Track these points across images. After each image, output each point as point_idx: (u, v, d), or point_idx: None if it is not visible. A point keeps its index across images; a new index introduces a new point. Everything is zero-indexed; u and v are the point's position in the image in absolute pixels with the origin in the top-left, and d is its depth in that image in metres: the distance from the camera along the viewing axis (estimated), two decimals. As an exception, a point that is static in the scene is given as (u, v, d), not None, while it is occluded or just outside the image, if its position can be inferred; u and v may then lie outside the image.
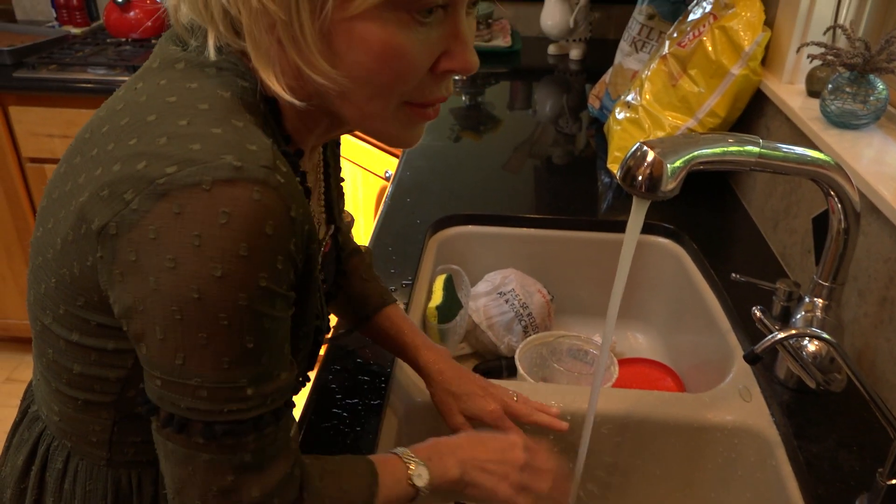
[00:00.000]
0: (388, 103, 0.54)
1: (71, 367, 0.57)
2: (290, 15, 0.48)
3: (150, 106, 0.51)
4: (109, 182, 0.48)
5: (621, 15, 2.32)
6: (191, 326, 0.47)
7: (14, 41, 2.12)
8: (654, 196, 0.66)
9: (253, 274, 0.47)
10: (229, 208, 0.46)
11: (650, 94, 1.30)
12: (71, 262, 0.52)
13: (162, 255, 0.46)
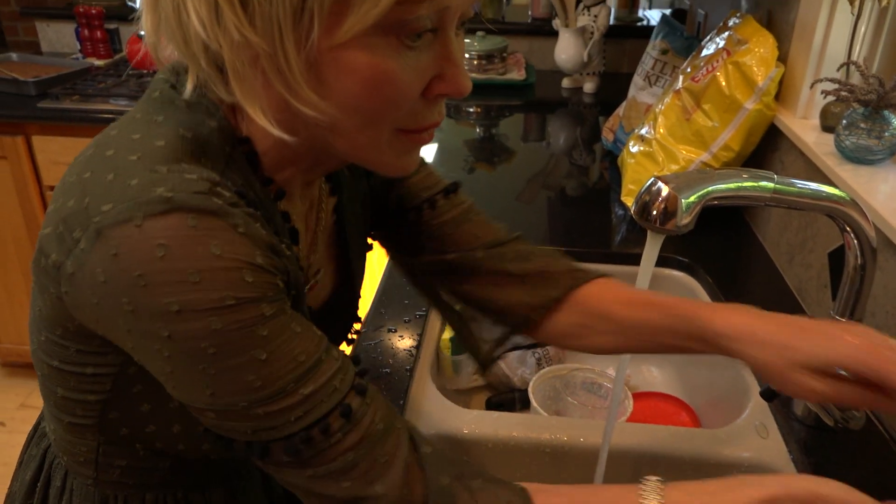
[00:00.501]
0: (381, 132, 0.51)
1: (55, 390, 0.56)
2: (275, 46, 0.45)
3: (114, 139, 0.50)
4: (63, 217, 0.47)
5: (634, 49, 2.35)
6: (184, 362, 0.46)
7: (39, 73, 2.17)
8: (668, 231, 0.66)
9: (214, 296, 0.44)
10: (164, 240, 0.43)
11: (664, 127, 1.31)
12: (42, 294, 0.51)
13: (117, 299, 0.45)
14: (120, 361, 0.52)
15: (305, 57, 0.46)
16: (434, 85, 0.51)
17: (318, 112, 0.48)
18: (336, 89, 0.48)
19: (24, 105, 2.00)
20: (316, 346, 0.50)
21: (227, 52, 0.46)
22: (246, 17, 0.44)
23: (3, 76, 2.09)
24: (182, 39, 0.48)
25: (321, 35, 0.45)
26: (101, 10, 2.34)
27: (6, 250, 2.20)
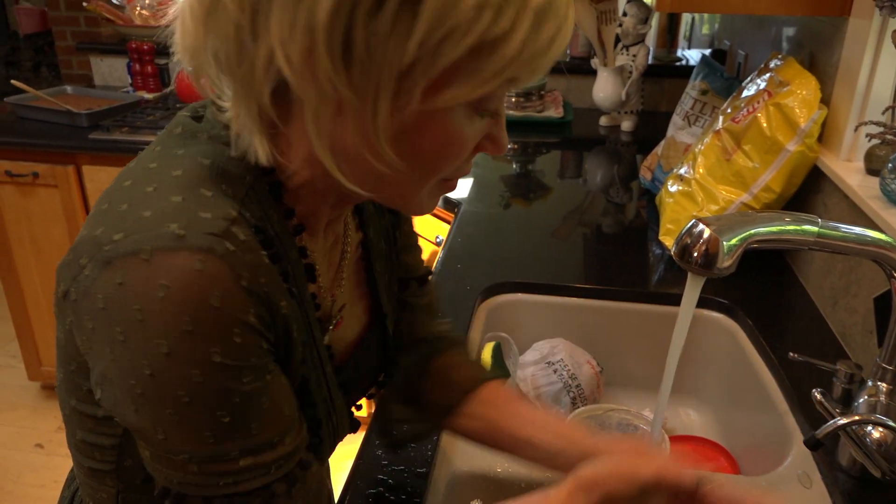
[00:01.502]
0: (430, 182, 0.53)
1: (75, 432, 0.56)
2: (366, 103, 0.45)
3: (132, 171, 0.51)
4: (75, 246, 0.48)
5: (673, 88, 2.35)
6: (155, 402, 0.46)
7: (92, 105, 2.25)
8: (709, 273, 0.65)
9: (202, 349, 0.45)
10: (167, 280, 0.43)
11: (703, 167, 1.30)
12: (59, 327, 0.52)
13: (112, 327, 0.45)
14: None
15: (395, 119, 0.47)
16: (482, 143, 0.53)
17: (385, 165, 0.49)
18: (411, 147, 0.49)
19: (77, 136, 2.08)
20: (275, 426, 0.50)
21: (310, 99, 0.46)
22: (345, 70, 0.44)
23: (58, 108, 2.18)
24: (244, 71, 0.47)
25: (420, 100, 0.46)
26: (153, 46, 2.43)
27: (52, 277, 2.25)
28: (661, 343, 1.21)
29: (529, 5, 0.44)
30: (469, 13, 0.42)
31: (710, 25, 2.56)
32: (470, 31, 0.43)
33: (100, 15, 2.56)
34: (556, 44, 0.47)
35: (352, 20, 0.42)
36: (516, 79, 0.47)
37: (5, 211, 2.18)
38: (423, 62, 0.44)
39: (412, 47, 0.43)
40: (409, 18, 0.42)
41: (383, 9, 0.42)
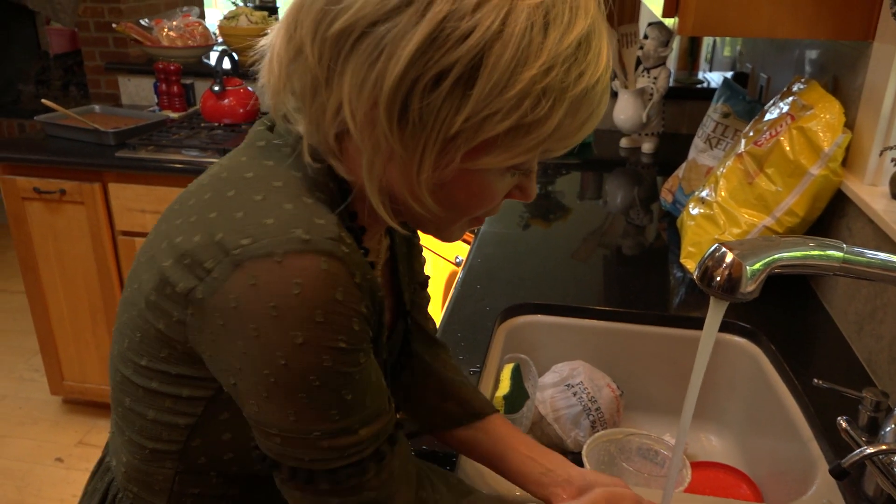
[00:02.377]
0: (462, 221, 0.61)
1: (146, 412, 0.61)
2: (413, 158, 0.52)
3: (230, 181, 0.56)
4: (191, 251, 0.53)
5: (694, 110, 2.35)
6: (287, 388, 0.51)
7: (119, 123, 2.30)
8: (732, 298, 0.65)
9: (332, 338, 0.51)
10: (301, 279, 0.49)
11: (725, 190, 1.30)
12: (157, 319, 0.56)
13: (245, 324, 0.50)
14: (215, 387, 0.58)
15: (436, 174, 0.54)
16: (512, 192, 0.61)
17: (423, 209, 0.56)
18: (447, 197, 0.56)
19: (103, 154, 2.12)
20: (381, 396, 0.58)
21: (366, 148, 0.53)
22: (399, 130, 0.51)
23: (86, 126, 2.22)
24: (317, 114, 0.54)
25: (461, 159, 0.52)
26: (179, 67, 2.48)
27: (77, 292, 2.29)
28: (682, 367, 1.20)
29: (566, 95, 0.51)
30: (511, 101, 0.49)
31: (731, 48, 2.56)
32: (509, 115, 0.50)
33: (128, 36, 2.61)
34: (588, 125, 0.54)
35: (412, 91, 0.49)
36: (548, 151, 0.54)
37: (33, 227, 2.22)
38: (466, 133, 0.51)
39: (459, 120, 0.50)
40: (460, 97, 0.49)
41: (440, 86, 0.49)
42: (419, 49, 0.48)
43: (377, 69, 0.49)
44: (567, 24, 0.50)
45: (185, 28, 2.64)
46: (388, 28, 0.48)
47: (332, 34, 0.50)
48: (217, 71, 2.29)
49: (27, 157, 2.14)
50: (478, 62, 0.48)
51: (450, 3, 0.48)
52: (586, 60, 0.51)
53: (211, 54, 2.76)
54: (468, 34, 0.48)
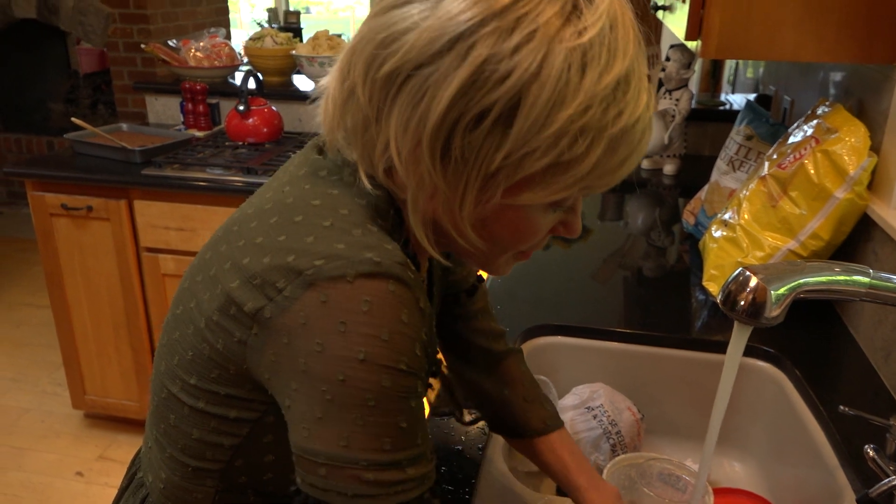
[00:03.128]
0: (507, 255, 0.63)
1: (190, 431, 0.62)
2: (455, 194, 0.54)
3: (297, 207, 0.58)
4: (261, 272, 0.54)
5: (717, 132, 2.34)
6: (343, 407, 0.52)
7: (145, 142, 2.33)
8: (756, 322, 0.64)
9: (394, 357, 0.52)
10: (370, 297, 0.51)
11: (749, 213, 1.29)
12: (215, 338, 0.57)
13: (311, 339, 0.51)
14: (263, 410, 0.59)
15: (478, 209, 0.56)
16: (556, 227, 0.62)
17: (467, 243, 0.58)
18: (490, 232, 0.58)
19: (130, 171, 2.15)
20: (428, 440, 0.57)
21: (411, 183, 0.56)
22: (441, 167, 0.53)
23: (113, 144, 2.26)
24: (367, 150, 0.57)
25: (502, 195, 0.54)
26: (205, 87, 2.52)
27: (100, 307, 2.32)
28: (704, 391, 1.18)
29: (604, 134, 0.52)
30: (549, 139, 0.51)
31: (754, 70, 2.55)
32: (547, 153, 0.51)
33: (156, 56, 2.66)
34: (627, 164, 0.56)
35: (454, 129, 0.52)
36: (589, 188, 0.56)
37: (59, 243, 2.26)
38: (505, 170, 0.53)
39: (498, 158, 0.52)
40: (500, 136, 0.51)
41: (480, 125, 0.51)
42: (460, 90, 0.50)
43: (421, 109, 0.52)
44: (605, 65, 0.51)
45: (212, 49, 2.69)
46: (431, 71, 0.51)
47: (381, 76, 0.53)
48: (242, 91, 2.33)
49: (56, 174, 2.18)
50: (516, 102, 0.50)
51: (489, 48, 0.50)
52: (625, 100, 0.52)
53: (236, 74, 2.80)
54: (507, 76, 0.50)
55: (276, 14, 5.57)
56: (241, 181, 2.08)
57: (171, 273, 2.20)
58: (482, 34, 0.50)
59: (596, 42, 0.51)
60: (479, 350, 0.89)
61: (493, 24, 0.50)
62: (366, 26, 0.55)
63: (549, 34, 0.50)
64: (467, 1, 0.50)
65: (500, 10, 0.50)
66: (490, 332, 0.90)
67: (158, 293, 2.25)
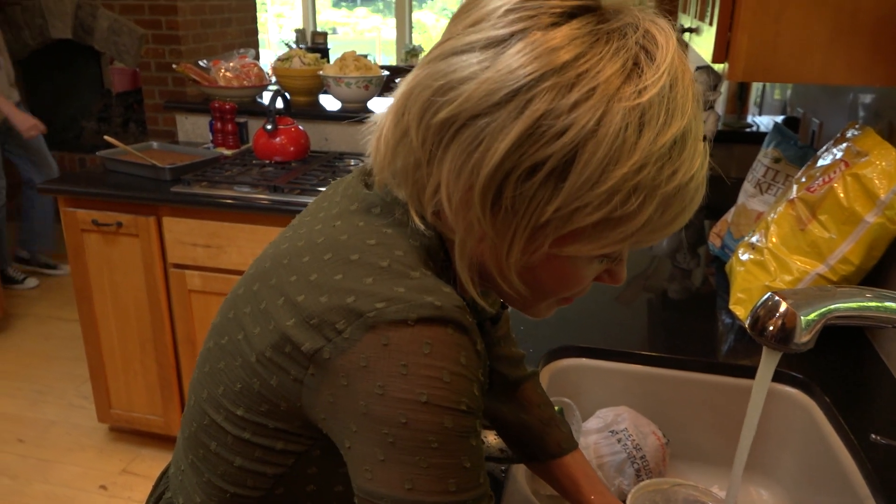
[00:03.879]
0: (548, 301, 0.63)
1: (233, 459, 0.61)
2: (503, 242, 0.55)
3: (352, 245, 0.58)
4: (318, 312, 0.54)
5: (743, 154, 2.32)
6: (405, 450, 0.52)
7: (175, 160, 2.38)
8: (786, 348, 0.64)
9: (455, 399, 0.52)
10: (431, 340, 0.52)
11: (777, 237, 1.27)
12: (268, 375, 0.57)
13: (372, 382, 0.51)
14: (310, 443, 0.59)
15: (525, 257, 0.56)
16: (601, 276, 0.62)
17: (511, 289, 0.58)
18: (534, 280, 0.59)
19: (159, 189, 2.19)
20: (486, 476, 0.57)
21: (460, 228, 0.56)
22: (491, 215, 0.54)
23: (144, 162, 2.31)
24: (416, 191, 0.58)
25: (550, 245, 0.55)
26: (234, 106, 2.56)
27: (127, 322, 2.35)
28: (731, 416, 1.17)
29: (658, 192, 0.52)
30: (601, 196, 0.51)
31: (781, 91, 2.53)
32: (599, 209, 0.52)
33: (187, 76, 2.72)
34: (679, 221, 0.56)
35: (506, 180, 0.52)
36: (639, 242, 0.56)
37: (89, 258, 2.30)
38: (555, 223, 0.53)
39: (549, 210, 0.52)
40: (552, 189, 0.51)
41: (533, 178, 0.51)
42: (515, 143, 0.50)
43: (475, 158, 0.52)
44: (662, 125, 0.51)
45: (242, 69, 2.74)
46: (487, 122, 0.51)
47: (435, 122, 0.53)
48: (270, 110, 2.36)
49: (87, 190, 2.23)
50: (571, 158, 0.50)
51: (547, 103, 0.50)
52: (680, 159, 0.53)
53: (264, 94, 2.85)
54: (563, 132, 0.50)
55: (304, 35, 5.66)
56: (267, 199, 2.10)
57: (198, 289, 2.23)
58: (540, 89, 0.50)
59: (655, 101, 0.51)
60: (499, 376, 0.89)
61: (552, 80, 0.50)
62: (424, 70, 0.55)
63: (609, 93, 0.50)
64: (528, 55, 0.50)
65: (559, 66, 0.50)
66: (511, 358, 0.90)
67: (185, 309, 2.27)
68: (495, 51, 0.51)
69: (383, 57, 7.99)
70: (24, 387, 2.65)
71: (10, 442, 2.57)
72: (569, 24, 0.51)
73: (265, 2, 9.23)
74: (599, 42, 0.51)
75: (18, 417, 2.70)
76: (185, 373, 2.38)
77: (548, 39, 0.50)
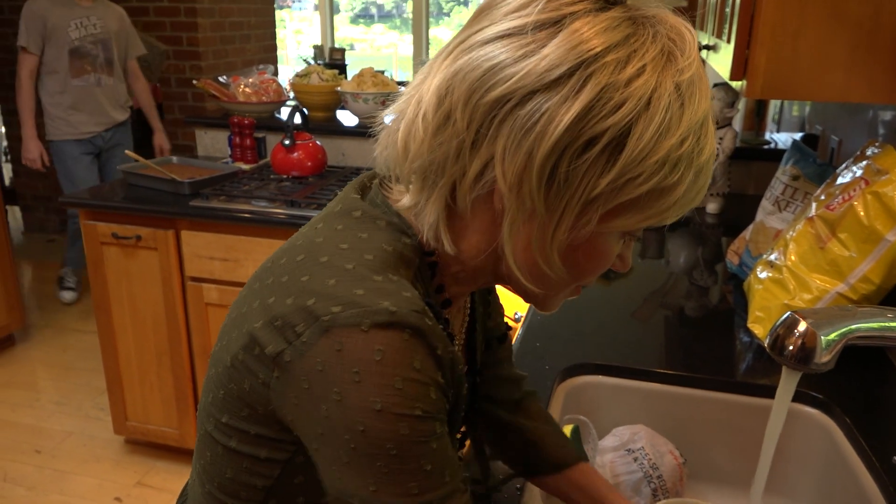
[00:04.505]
0: (567, 290, 0.64)
1: (224, 471, 0.62)
2: (553, 218, 0.56)
3: (324, 248, 0.59)
4: (283, 314, 0.55)
5: (762, 171, 2.31)
6: (366, 455, 0.53)
7: (194, 174, 2.40)
8: (806, 368, 0.63)
9: (409, 405, 0.53)
10: (382, 346, 0.52)
11: (796, 255, 1.26)
12: (241, 378, 0.58)
13: (329, 388, 0.52)
14: (292, 450, 0.60)
15: (570, 234, 0.57)
16: (613, 262, 0.63)
17: (550, 269, 0.59)
18: (573, 259, 0.60)
19: (178, 202, 2.21)
20: (458, 473, 0.57)
21: (511, 207, 0.56)
22: (545, 190, 0.55)
23: (164, 176, 2.33)
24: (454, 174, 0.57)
25: (597, 222, 0.56)
26: (253, 121, 2.59)
27: (145, 335, 2.37)
28: (749, 436, 1.15)
29: (694, 163, 0.56)
30: (653, 166, 0.54)
31: (800, 108, 2.52)
32: (650, 179, 0.54)
33: (207, 91, 2.75)
34: (701, 193, 0.59)
35: (563, 154, 0.53)
36: (666, 218, 0.58)
37: (108, 270, 2.32)
38: (606, 196, 0.55)
39: (602, 183, 0.54)
40: (606, 162, 0.53)
41: (589, 151, 0.53)
42: (577, 117, 0.52)
43: (534, 134, 0.53)
44: (698, 101, 0.56)
45: (260, 85, 2.77)
46: (548, 97, 0.53)
47: (486, 102, 0.54)
48: (288, 126, 2.39)
49: (108, 203, 2.26)
50: (627, 130, 0.53)
51: (607, 76, 0.53)
52: (707, 135, 0.57)
53: (283, 109, 2.87)
54: (621, 105, 0.53)
55: (322, 51, 5.71)
56: (284, 213, 2.12)
57: (214, 302, 2.24)
58: (600, 65, 0.53)
59: (694, 80, 0.55)
60: (501, 393, 0.90)
61: (611, 56, 0.53)
62: (457, 62, 0.56)
63: (657, 69, 0.54)
64: (590, 31, 0.53)
65: (615, 44, 0.53)
66: (512, 379, 0.92)
67: (201, 322, 2.29)
68: (548, 31, 0.54)
69: (400, 73, 8.04)
70: (42, 397, 2.67)
71: (28, 452, 2.59)
72: (610, 11, 0.55)
73: (284, 18, 9.34)
74: (640, 27, 0.55)
75: (36, 428, 2.72)
76: (200, 386, 2.39)
77: (603, 19, 0.54)
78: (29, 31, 3.05)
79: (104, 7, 3.23)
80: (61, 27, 3.09)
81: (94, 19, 3.16)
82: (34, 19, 3.04)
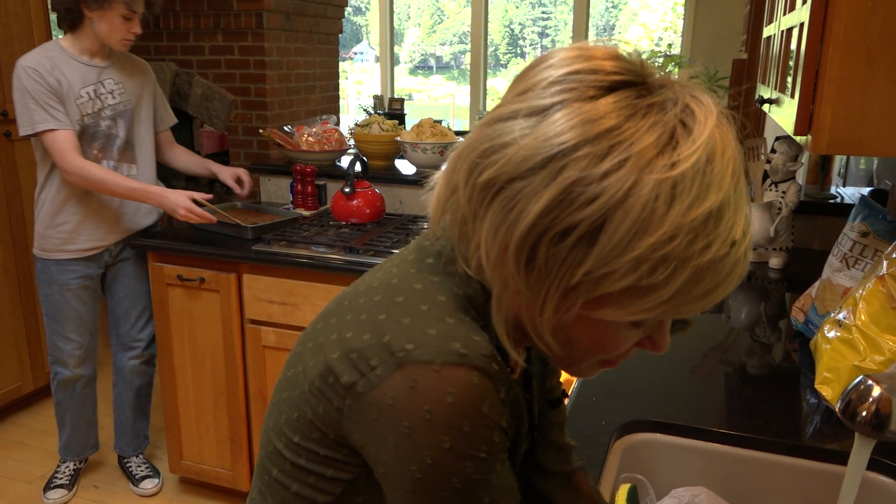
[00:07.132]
0: (589, 361, 0.64)
1: (290, 485, 0.66)
2: (537, 300, 0.57)
3: (400, 288, 0.63)
4: (359, 348, 0.59)
5: (827, 226, 2.25)
6: (431, 486, 0.57)
7: (257, 220, 2.48)
8: (881, 436, 0.60)
9: (475, 447, 0.56)
10: (454, 389, 0.55)
11: (866, 314, 1.22)
12: (316, 403, 0.62)
13: (399, 420, 0.56)
14: (357, 472, 0.64)
15: (557, 316, 0.57)
16: (642, 341, 0.63)
17: (545, 347, 0.60)
18: (568, 339, 0.60)
19: (242, 247, 2.28)
20: (515, 497, 0.61)
21: (496, 284, 0.59)
22: (525, 273, 0.56)
23: (228, 221, 2.41)
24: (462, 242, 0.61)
25: (581, 306, 0.56)
26: (315, 169, 2.67)
27: (203, 375, 2.42)
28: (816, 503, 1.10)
29: (689, 264, 0.53)
30: (629, 263, 0.52)
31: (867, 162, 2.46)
32: (626, 276, 0.53)
33: (272, 140, 2.85)
34: (713, 296, 0.55)
35: (539, 241, 0.54)
36: (670, 313, 0.56)
37: (172, 311, 2.40)
38: (585, 285, 0.54)
39: (580, 273, 0.54)
40: (582, 253, 0.53)
41: (565, 240, 0.53)
42: (547, 207, 0.53)
43: (510, 218, 0.55)
44: (695, 198, 0.52)
45: (323, 134, 2.86)
46: (523, 185, 0.54)
47: (480, 182, 0.57)
48: (349, 174, 2.45)
49: (174, 246, 2.34)
50: (600, 224, 0.52)
51: (579, 171, 0.52)
52: (716, 232, 0.53)
53: (344, 158, 2.95)
54: (594, 199, 0.52)
55: (382, 101, 5.87)
56: (342, 259, 2.16)
57: (272, 345, 2.28)
58: (574, 158, 0.52)
59: (688, 175, 0.52)
60: (551, 462, 0.90)
61: (585, 150, 0.52)
62: (474, 134, 0.59)
63: (640, 164, 0.52)
64: (565, 125, 0.53)
65: (593, 136, 0.52)
66: (563, 446, 0.91)
67: (258, 364, 2.33)
68: (537, 119, 0.55)
69: (457, 122, 8.18)
70: (102, 433, 2.74)
71: (87, 488, 2.64)
72: (608, 98, 0.53)
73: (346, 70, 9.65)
74: (636, 115, 0.53)
75: (96, 463, 2.79)
76: (255, 428, 2.42)
77: (586, 111, 0.53)
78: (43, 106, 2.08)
79: (124, 63, 2.29)
80: (68, 98, 2.14)
81: (110, 84, 2.23)
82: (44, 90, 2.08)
